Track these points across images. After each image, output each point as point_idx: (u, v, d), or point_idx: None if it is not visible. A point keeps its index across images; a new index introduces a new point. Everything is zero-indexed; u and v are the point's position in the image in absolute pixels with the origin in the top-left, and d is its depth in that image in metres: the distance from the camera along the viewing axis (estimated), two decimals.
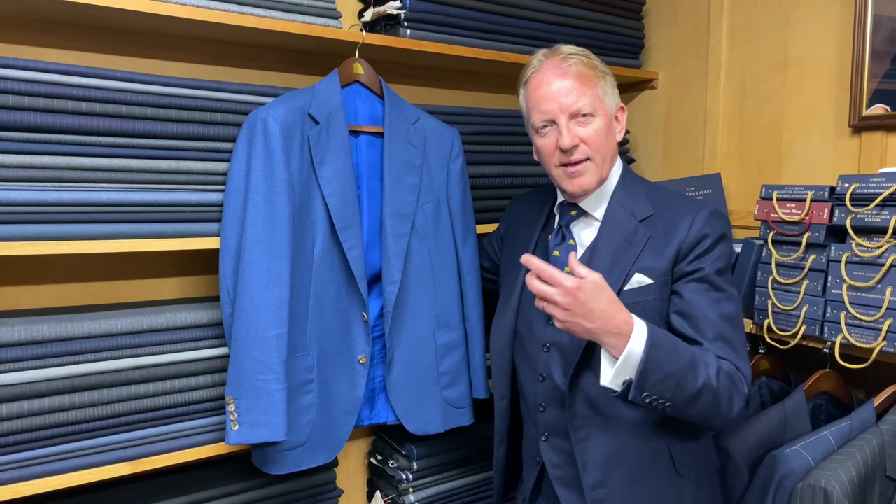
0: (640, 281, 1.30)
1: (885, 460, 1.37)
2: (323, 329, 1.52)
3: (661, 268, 1.30)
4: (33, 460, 1.29)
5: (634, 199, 1.38)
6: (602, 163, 1.36)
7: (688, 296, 1.28)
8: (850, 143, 1.74)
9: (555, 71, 1.35)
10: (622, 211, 1.37)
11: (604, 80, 1.37)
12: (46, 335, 1.30)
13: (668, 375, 1.16)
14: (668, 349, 1.18)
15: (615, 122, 1.40)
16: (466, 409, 1.74)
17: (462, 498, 1.86)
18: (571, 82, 1.33)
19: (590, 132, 1.33)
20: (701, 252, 1.29)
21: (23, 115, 1.25)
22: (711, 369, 1.20)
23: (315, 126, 1.49)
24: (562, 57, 1.36)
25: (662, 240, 1.32)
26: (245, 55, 1.69)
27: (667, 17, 2.21)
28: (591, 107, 1.33)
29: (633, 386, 1.16)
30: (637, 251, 1.31)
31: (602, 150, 1.35)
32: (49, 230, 1.29)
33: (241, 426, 1.40)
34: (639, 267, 1.31)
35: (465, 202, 1.73)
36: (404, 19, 1.69)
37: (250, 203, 1.42)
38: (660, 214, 1.35)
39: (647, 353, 1.15)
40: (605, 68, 1.40)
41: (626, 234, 1.34)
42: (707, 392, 1.19)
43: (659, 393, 1.17)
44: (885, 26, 1.64)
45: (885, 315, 1.39)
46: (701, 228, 1.30)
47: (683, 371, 1.17)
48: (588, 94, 1.33)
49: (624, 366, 1.17)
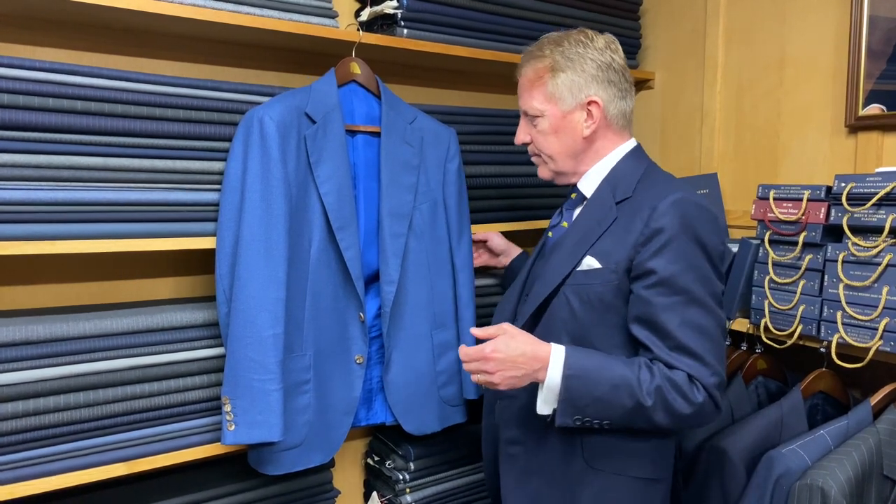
0: (590, 264, 1.29)
1: (882, 459, 1.38)
2: (320, 329, 1.52)
3: (616, 256, 1.26)
4: (29, 461, 1.29)
5: (623, 180, 1.34)
6: (550, 160, 1.39)
7: (644, 300, 1.23)
8: (847, 143, 1.75)
9: (519, 70, 1.42)
10: (607, 192, 1.35)
11: (556, 76, 1.34)
12: (42, 335, 1.29)
13: (593, 400, 1.20)
14: (589, 375, 1.20)
15: (586, 115, 1.35)
16: (460, 407, 1.75)
17: (459, 498, 1.85)
18: (521, 83, 1.40)
19: (535, 133, 1.39)
20: (657, 248, 1.22)
21: (19, 113, 1.25)
22: (645, 386, 1.19)
23: (312, 125, 1.48)
24: (525, 55, 1.41)
25: (625, 225, 1.28)
26: (242, 54, 1.69)
27: (663, 17, 2.21)
28: (536, 109, 1.37)
29: (557, 415, 1.22)
30: (599, 233, 1.30)
31: (548, 149, 1.38)
32: (45, 230, 1.28)
33: (237, 426, 1.40)
34: (594, 250, 1.29)
35: (461, 202, 1.73)
36: (401, 19, 1.69)
37: (247, 202, 1.41)
38: (635, 197, 1.31)
39: (564, 382, 1.20)
40: (572, 62, 1.33)
41: (599, 215, 1.33)
42: (641, 410, 1.20)
43: (589, 415, 1.21)
44: (880, 26, 1.65)
45: (881, 314, 1.39)
46: (659, 220, 1.23)
47: (609, 395, 1.19)
48: (534, 95, 1.37)
49: (548, 395, 1.22)
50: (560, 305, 1.31)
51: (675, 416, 1.20)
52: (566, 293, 1.31)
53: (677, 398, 1.19)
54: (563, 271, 1.32)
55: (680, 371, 1.20)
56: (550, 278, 1.33)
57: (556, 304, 1.32)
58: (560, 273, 1.32)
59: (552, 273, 1.34)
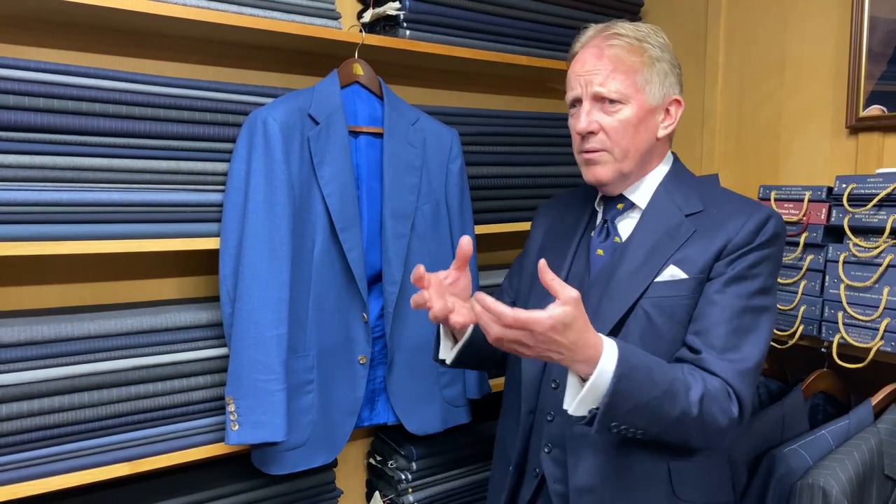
0: (674, 274, 1.18)
1: (883, 459, 1.38)
2: (323, 329, 1.52)
3: (700, 265, 1.17)
4: (33, 461, 1.29)
5: (684, 192, 1.26)
6: (622, 157, 1.23)
7: (710, 296, 1.16)
8: (847, 144, 1.75)
9: (592, 50, 1.24)
10: (669, 203, 1.24)
11: (650, 68, 1.23)
12: (46, 335, 1.30)
13: (639, 406, 1.04)
14: (641, 378, 1.04)
15: (664, 114, 1.27)
16: (464, 408, 1.75)
17: (461, 498, 1.86)
18: (605, 64, 1.22)
19: (613, 121, 1.22)
20: (745, 252, 1.17)
21: (22, 115, 1.26)
22: (693, 393, 1.07)
23: (315, 126, 1.49)
24: (605, 35, 1.25)
25: (708, 236, 1.19)
26: (245, 56, 1.70)
27: (664, 18, 2.21)
28: (620, 94, 1.21)
29: (598, 419, 1.04)
30: (678, 244, 1.20)
31: (624, 144, 1.22)
32: (49, 230, 1.29)
33: (241, 426, 1.40)
34: (675, 259, 1.19)
35: (464, 203, 1.74)
36: (403, 20, 1.70)
37: (250, 203, 1.42)
38: (710, 211, 1.22)
39: (615, 384, 1.02)
40: (664, 53, 1.26)
41: (669, 228, 1.22)
42: (686, 420, 1.07)
43: (630, 423, 1.06)
44: (881, 28, 1.65)
45: (882, 315, 1.40)
46: (755, 228, 1.17)
47: (658, 400, 1.05)
48: (620, 79, 1.21)
49: (589, 394, 1.04)
50: (637, 322, 1.18)
51: (710, 430, 1.10)
52: (644, 307, 1.18)
53: (716, 412, 1.09)
54: (639, 285, 1.19)
55: (719, 380, 1.11)
56: (625, 294, 1.19)
57: (633, 321, 1.18)
58: (637, 287, 1.19)
59: (625, 289, 1.20)
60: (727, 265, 1.17)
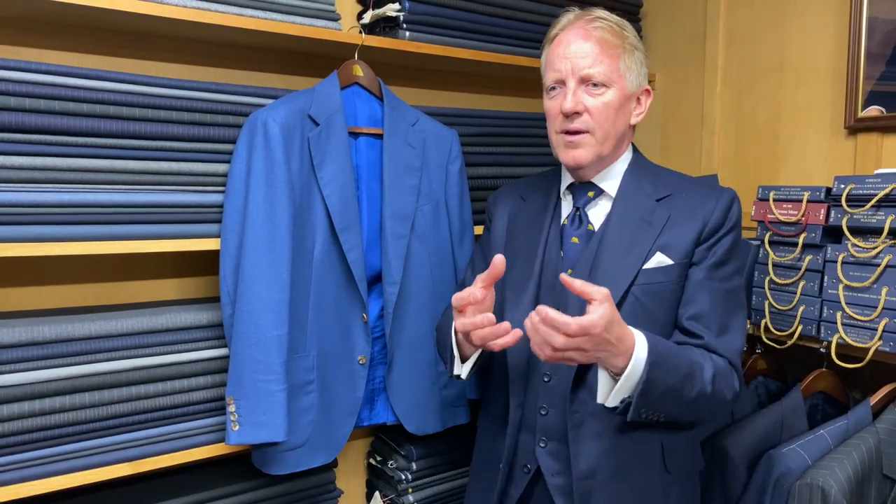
0: (661, 261, 1.23)
1: (882, 459, 1.38)
2: (323, 330, 1.53)
3: (683, 250, 1.24)
4: (34, 461, 1.29)
5: (649, 178, 1.31)
6: (603, 139, 1.26)
7: (698, 283, 1.23)
8: (846, 145, 1.76)
9: (577, 31, 1.26)
10: (637, 190, 1.29)
11: (630, 55, 1.27)
12: (47, 336, 1.30)
13: (666, 390, 1.13)
14: (667, 363, 1.12)
15: (635, 103, 1.31)
16: (463, 408, 1.75)
17: (461, 498, 1.86)
18: (591, 46, 1.24)
19: (597, 103, 1.24)
20: (721, 235, 1.25)
21: (23, 116, 1.26)
22: (707, 373, 1.17)
23: (315, 127, 1.49)
24: (590, 18, 1.27)
25: (683, 220, 1.25)
26: (245, 57, 1.70)
27: (664, 19, 2.22)
28: (605, 77, 1.23)
29: (633, 407, 1.12)
30: (657, 230, 1.24)
31: (605, 126, 1.25)
32: (50, 231, 1.29)
33: (241, 426, 1.40)
34: (659, 245, 1.24)
35: (463, 203, 1.74)
36: (403, 21, 1.70)
37: (250, 204, 1.42)
38: (678, 195, 1.28)
39: (648, 372, 1.09)
40: (639, 44, 1.30)
41: (643, 214, 1.26)
42: (701, 399, 1.17)
43: (657, 408, 1.14)
44: (880, 28, 1.65)
45: (880, 315, 1.40)
46: (725, 211, 1.26)
47: (681, 382, 1.14)
48: (606, 62, 1.23)
49: (625, 384, 1.12)
50: (629, 308, 1.22)
51: (718, 404, 1.20)
52: (635, 294, 1.23)
53: (723, 387, 1.19)
54: (629, 273, 1.23)
55: (723, 360, 1.21)
56: (615, 282, 1.21)
57: (626, 308, 1.22)
58: (627, 275, 1.23)
59: (615, 277, 1.23)
60: (707, 250, 1.25)
